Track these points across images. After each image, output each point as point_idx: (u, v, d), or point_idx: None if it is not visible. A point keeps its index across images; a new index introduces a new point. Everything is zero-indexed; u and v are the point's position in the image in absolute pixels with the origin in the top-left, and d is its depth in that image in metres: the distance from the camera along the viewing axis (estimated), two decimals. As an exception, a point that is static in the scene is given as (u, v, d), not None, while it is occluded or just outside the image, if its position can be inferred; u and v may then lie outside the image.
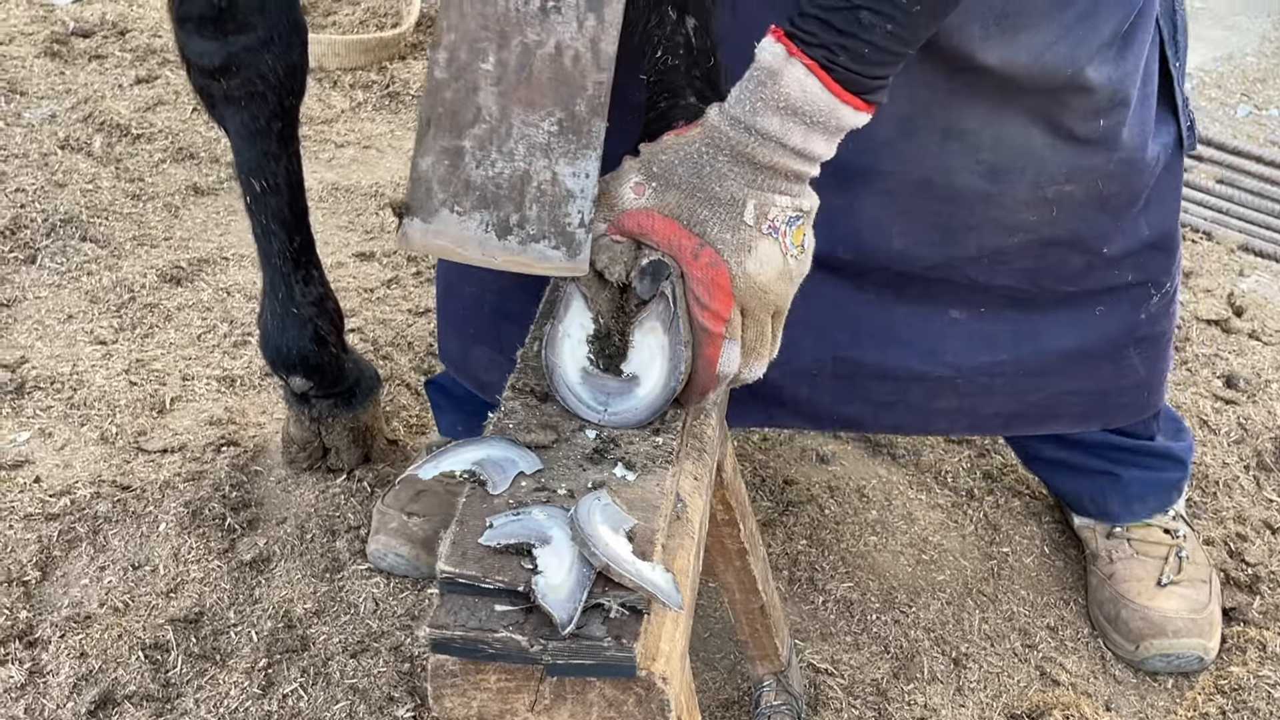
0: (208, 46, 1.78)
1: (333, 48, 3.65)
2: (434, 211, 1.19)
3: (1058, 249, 1.69)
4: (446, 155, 1.17)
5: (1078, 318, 1.76)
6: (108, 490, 2.12)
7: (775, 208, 1.21)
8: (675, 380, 1.22)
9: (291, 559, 2.02)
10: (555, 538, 1.08)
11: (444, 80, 1.16)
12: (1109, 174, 1.65)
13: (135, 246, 2.80)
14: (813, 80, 1.18)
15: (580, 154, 1.17)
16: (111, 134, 3.24)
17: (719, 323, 1.21)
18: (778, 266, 1.22)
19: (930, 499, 2.25)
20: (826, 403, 1.79)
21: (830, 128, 1.21)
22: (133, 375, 2.41)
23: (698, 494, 1.25)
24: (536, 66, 1.15)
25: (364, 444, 2.19)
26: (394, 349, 2.53)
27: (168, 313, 2.59)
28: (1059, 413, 1.84)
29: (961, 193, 1.62)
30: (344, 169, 3.23)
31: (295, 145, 1.90)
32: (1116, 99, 1.60)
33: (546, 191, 1.18)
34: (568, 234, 1.19)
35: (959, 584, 2.07)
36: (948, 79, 1.55)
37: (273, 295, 1.99)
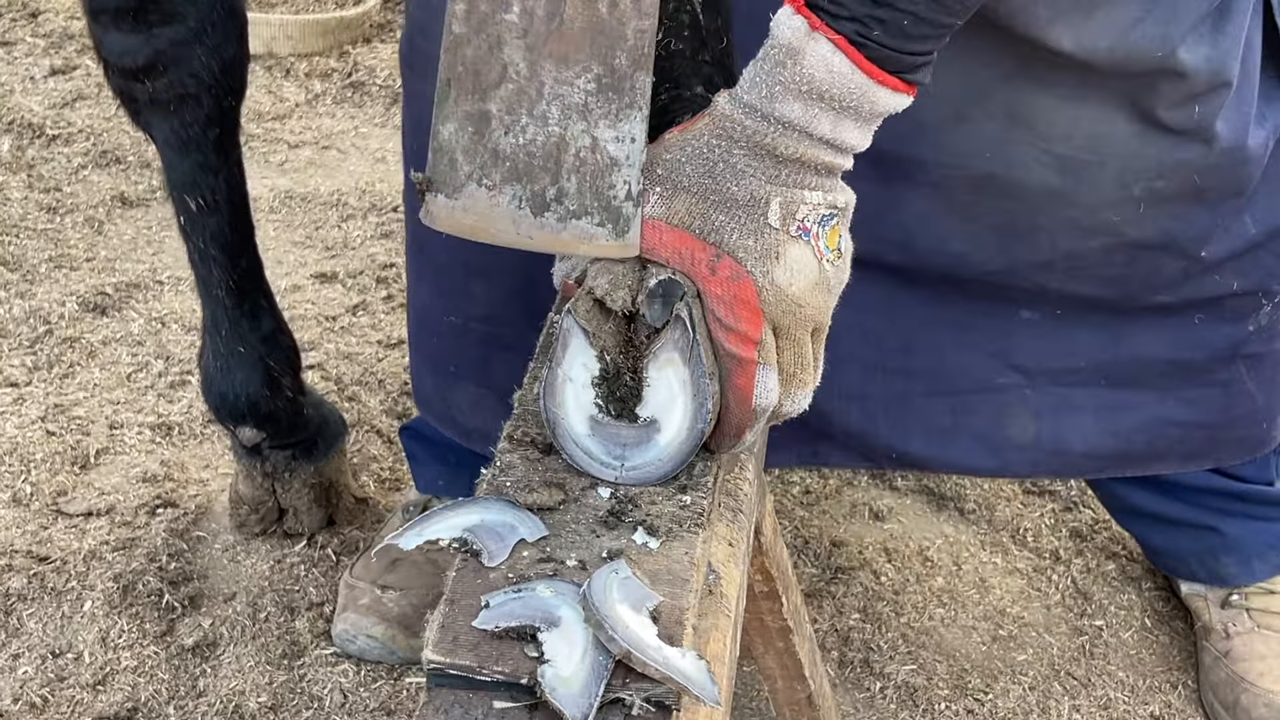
0: (128, 42, 1.78)
1: (284, 29, 3.67)
2: (460, 186, 1.20)
3: (1148, 253, 1.69)
4: (470, 121, 1.18)
5: (1172, 325, 1.76)
6: (21, 562, 2.12)
7: (805, 205, 1.21)
8: (703, 421, 1.21)
9: (242, 642, 2.02)
10: (565, 619, 1.07)
11: (463, 35, 1.17)
12: (1208, 167, 1.65)
13: (52, 269, 2.81)
14: (840, 58, 1.17)
15: (623, 115, 1.17)
16: (22, 135, 3.26)
17: (749, 346, 1.20)
18: (812, 274, 1.22)
19: (1007, 563, 2.25)
20: (881, 433, 1.79)
21: (864, 113, 1.20)
22: (50, 423, 2.41)
23: (733, 563, 1.24)
24: (568, 14, 1.15)
25: (327, 503, 2.19)
26: (361, 388, 2.53)
27: (91, 348, 2.60)
28: (1162, 449, 1.84)
29: (1029, 189, 1.63)
30: (299, 174, 3.24)
31: (236, 153, 1.91)
32: (1217, 82, 1.60)
33: (586, 160, 1.18)
34: (613, 208, 1.19)
35: (1044, 665, 2.07)
36: (1014, 54, 1.55)
37: (214, 332, 2.00)
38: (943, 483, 2.39)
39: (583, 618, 1.07)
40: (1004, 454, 1.81)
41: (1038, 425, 1.79)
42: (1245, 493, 1.97)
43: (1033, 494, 2.38)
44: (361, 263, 2.91)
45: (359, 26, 3.77)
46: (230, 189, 1.91)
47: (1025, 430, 1.79)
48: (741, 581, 1.26)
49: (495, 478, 1.24)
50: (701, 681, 1.04)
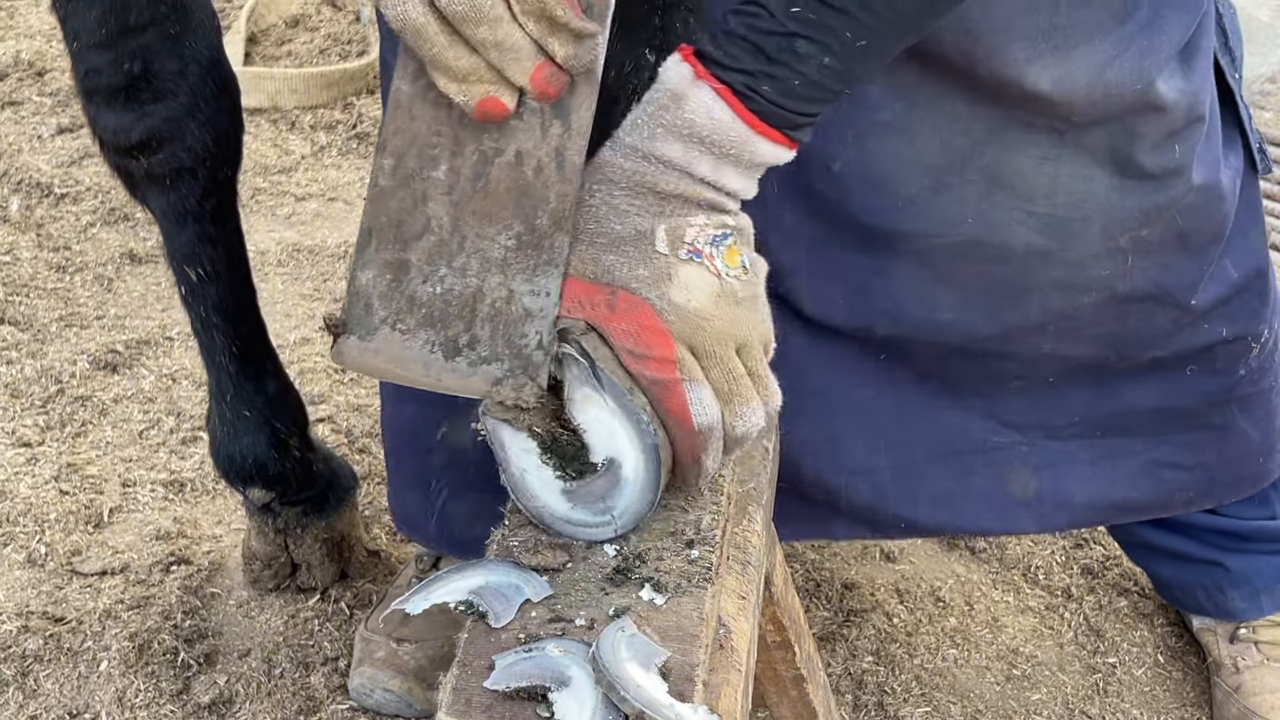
0: (121, 120, 1.80)
1: (289, 83, 3.70)
2: (373, 329, 1.24)
3: (1140, 306, 1.71)
4: (389, 269, 1.23)
5: (1165, 378, 1.78)
6: (37, 623, 2.13)
7: (691, 228, 1.22)
8: (650, 436, 1.21)
9: (258, 699, 2.02)
10: (575, 678, 1.08)
11: (389, 188, 1.22)
12: (1187, 207, 1.67)
13: (62, 328, 2.83)
14: (722, 107, 1.19)
15: (540, 270, 1.22)
16: (31, 194, 3.29)
17: (667, 367, 1.20)
18: (710, 288, 1.22)
19: (1019, 601, 2.25)
20: (889, 504, 1.80)
21: (744, 161, 1.22)
22: (63, 483, 2.43)
23: (744, 616, 1.25)
24: (494, 176, 1.21)
25: (340, 557, 2.20)
26: (372, 440, 2.54)
27: (103, 406, 2.61)
28: (1164, 495, 1.85)
29: (1014, 252, 1.64)
30: (306, 226, 3.27)
31: (235, 222, 1.93)
32: (1193, 115, 1.63)
33: (501, 310, 1.23)
34: (524, 355, 1.23)
35: (1058, 704, 2.07)
36: (988, 115, 1.57)
37: (219, 397, 2.01)
38: (953, 522, 2.39)
39: (592, 677, 1.08)
40: (1010, 512, 1.82)
41: (1038, 481, 1.80)
42: (1249, 530, 1.97)
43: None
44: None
45: (363, 78, 3.80)
46: (229, 256, 1.92)
47: (1026, 487, 1.80)
48: (752, 634, 1.27)
49: (504, 539, 1.26)
50: (713, 738, 1.05)
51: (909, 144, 1.57)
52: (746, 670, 1.22)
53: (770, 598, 1.49)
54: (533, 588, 1.18)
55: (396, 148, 1.21)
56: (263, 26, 4.06)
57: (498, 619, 1.15)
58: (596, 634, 1.12)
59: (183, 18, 1.77)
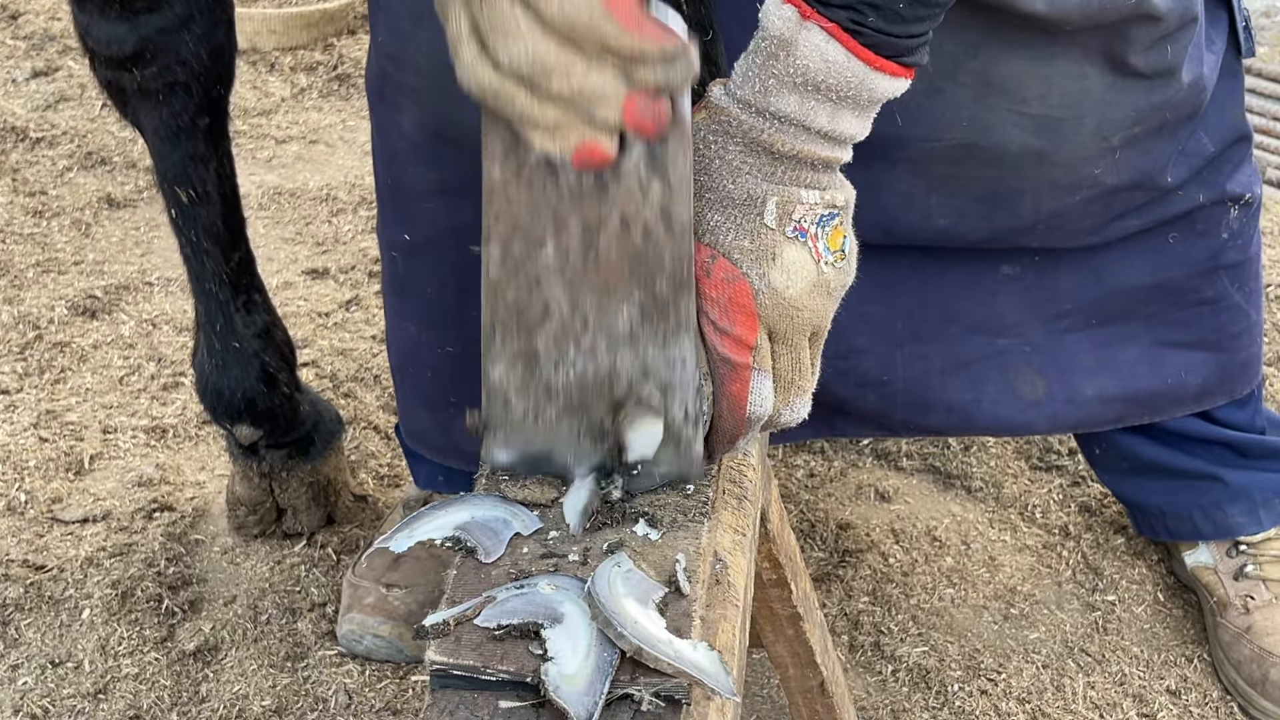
0: (115, 30, 1.76)
1: (267, 24, 3.65)
2: (516, 425, 1.21)
3: (1123, 195, 1.71)
4: (519, 360, 1.19)
5: (1148, 249, 1.78)
6: (18, 571, 2.10)
7: (801, 205, 1.18)
8: (699, 410, 1.19)
9: (244, 646, 2.00)
10: (568, 614, 1.05)
11: (501, 279, 1.17)
12: (1177, 103, 1.66)
13: (40, 274, 2.79)
14: (835, 47, 1.14)
15: (671, 338, 1.17)
16: (6, 139, 3.24)
17: (743, 351, 1.17)
18: (810, 276, 1.19)
19: (1016, 540, 2.23)
20: (899, 413, 1.80)
21: (862, 101, 1.17)
22: (43, 430, 2.39)
23: (740, 551, 1.22)
24: (603, 247, 1.15)
25: (326, 502, 2.18)
26: (357, 384, 2.51)
27: (82, 352, 2.58)
28: (1174, 386, 1.85)
29: (1009, 154, 1.62)
30: (287, 169, 3.22)
31: (226, 144, 1.89)
32: (1186, 18, 1.61)
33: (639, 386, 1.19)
34: (673, 433, 1.19)
35: (1057, 643, 2.05)
36: (980, 19, 1.54)
37: (209, 328, 1.98)
38: (949, 461, 2.37)
39: (586, 613, 1.05)
40: (1023, 414, 1.83)
41: (1044, 379, 1.81)
42: (1245, 444, 1.97)
43: (1040, 469, 2.36)
44: (353, 257, 2.88)
45: (343, 18, 3.74)
46: (221, 180, 1.88)
47: (1035, 387, 1.81)
48: (749, 570, 1.24)
49: (493, 472, 1.22)
50: (716, 674, 1.02)
51: None
52: (744, 606, 1.19)
53: (766, 534, 1.46)
54: (521, 521, 1.15)
55: (500, 235, 1.16)
56: (240, -33, 4.00)
57: (487, 554, 1.12)
58: (590, 570, 1.09)
59: None
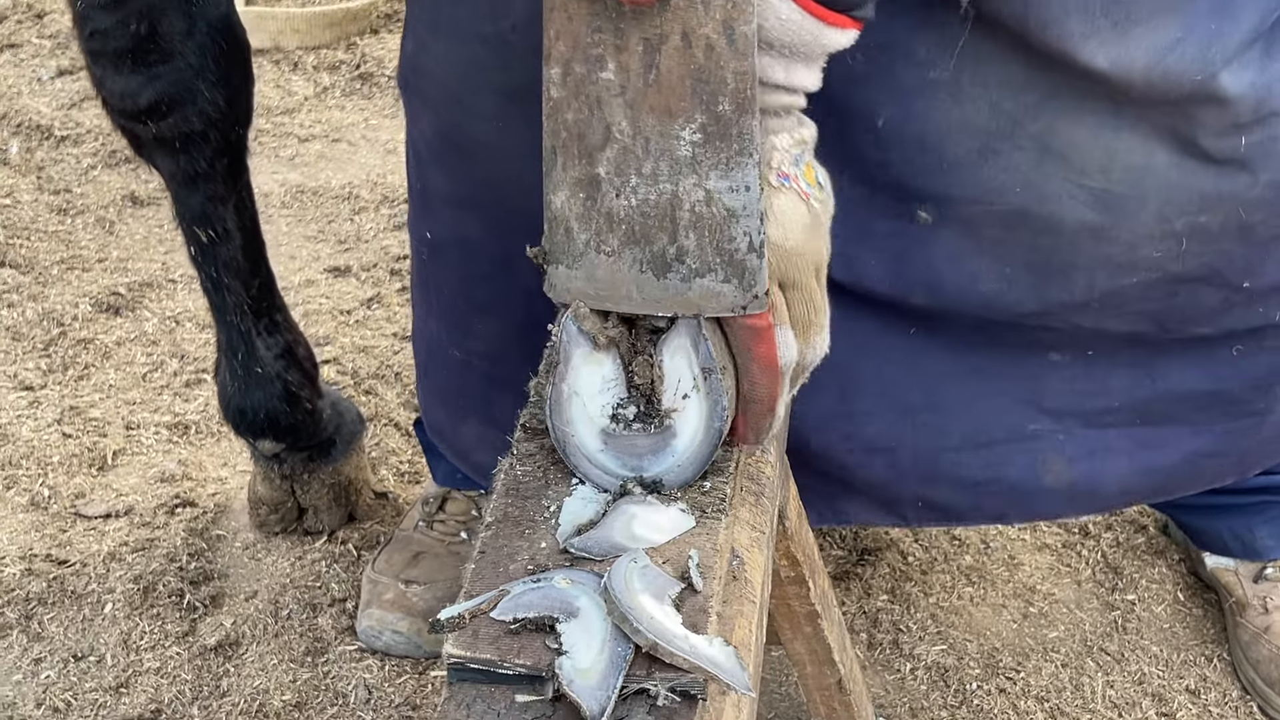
0: (129, 84, 1.74)
1: (291, 23, 3.66)
2: (578, 255, 1.18)
3: (1188, 286, 1.61)
4: (581, 186, 1.16)
5: (1209, 357, 1.70)
6: (41, 566, 2.11)
7: (777, 151, 1.19)
8: (719, 419, 1.18)
9: (264, 641, 2.01)
10: (584, 609, 1.05)
11: (562, 99, 1.14)
12: (1254, 201, 1.56)
13: (64, 271, 2.80)
14: (789, 6, 1.15)
15: (734, 163, 1.14)
16: (31, 137, 3.25)
17: (762, 315, 1.17)
18: (803, 219, 1.20)
19: (1036, 539, 2.22)
20: (909, 485, 1.74)
21: (814, 54, 1.19)
22: (66, 425, 2.40)
23: (758, 548, 1.22)
24: (664, 66, 1.12)
25: (347, 500, 2.18)
26: (378, 381, 2.52)
27: (105, 349, 2.59)
28: (1194, 477, 1.80)
29: (1063, 225, 1.55)
30: (310, 167, 3.23)
31: (245, 177, 1.88)
32: (1263, 111, 1.50)
33: (702, 214, 1.15)
34: (736, 262, 1.16)
35: (1076, 642, 2.04)
36: (1043, 80, 1.48)
37: (230, 354, 1.98)
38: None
39: (602, 608, 1.05)
40: (1037, 501, 1.77)
41: (1073, 471, 1.74)
42: (1270, 482, 1.94)
43: (1060, 469, 2.36)
44: (375, 255, 2.89)
45: (366, 17, 3.75)
46: (240, 215, 1.88)
47: (1060, 477, 1.74)
48: (766, 566, 1.24)
49: (512, 468, 1.22)
50: (732, 669, 1.02)
51: (957, 104, 1.49)
52: (760, 602, 1.19)
53: (784, 532, 1.46)
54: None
55: (560, 54, 1.13)
56: (264, -33, 4.01)
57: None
58: (606, 565, 1.09)
59: None
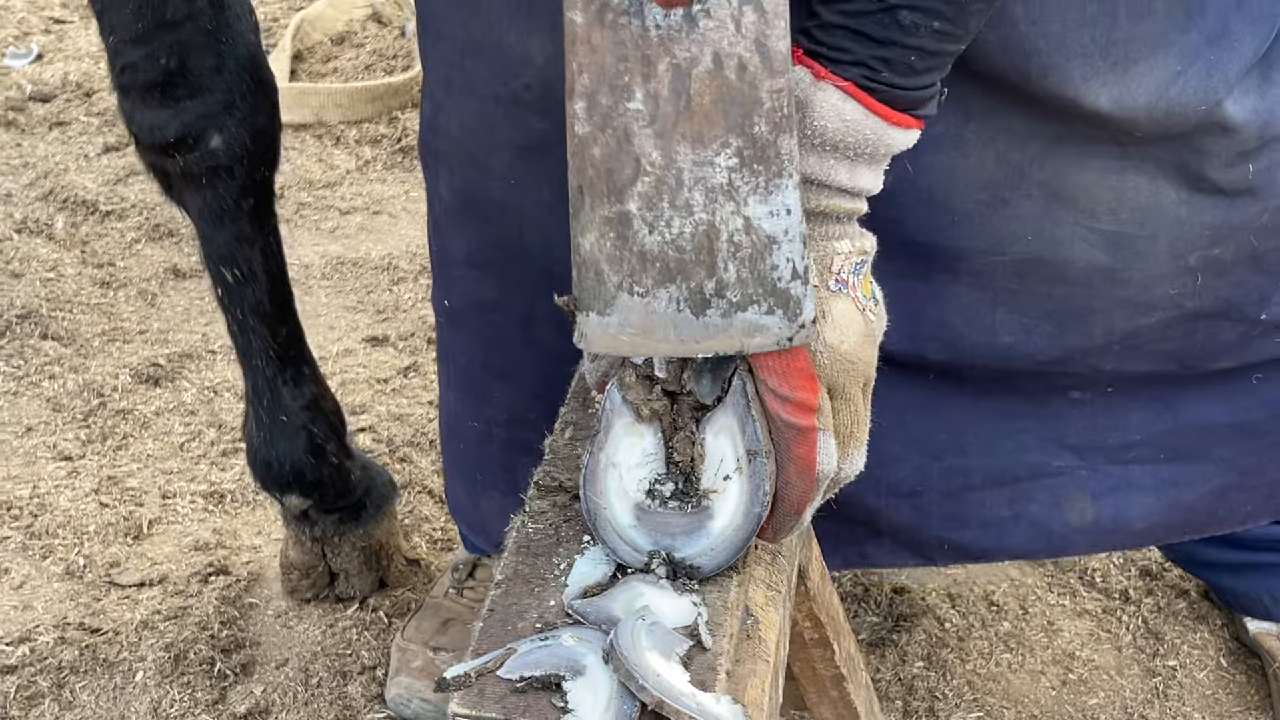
0: (157, 117, 1.79)
1: (334, 98, 3.70)
2: (610, 299, 1.12)
3: (1206, 322, 1.62)
4: (611, 226, 1.11)
5: (1229, 389, 1.69)
6: (74, 634, 2.11)
7: (838, 256, 1.18)
8: (759, 505, 1.15)
9: (294, 709, 2.00)
10: (590, 667, 1.05)
11: (588, 135, 1.10)
12: (1264, 228, 1.57)
13: (105, 343, 2.82)
14: (852, 105, 1.14)
15: (773, 186, 1.09)
16: (76, 212, 3.29)
17: (808, 415, 1.14)
18: (859, 328, 1.19)
19: (1076, 604, 2.19)
20: (933, 526, 1.73)
21: (878, 155, 1.18)
22: (103, 495, 2.41)
23: (773, 607, 1.21)
24: (695, 90, 1.07)
25: (378, 566, 2.18)
26: (413, 449, 2.52)
27: (144, 419, 2.60)
28: (1222, 515, 1.78)
29: (1078, 270, 1.55)
30: (350, 239, 3.25)
31: (272, 222, 1.91)
32: (1268, 135, 1.51)
33: (742, 243, 1.10)
34: (780, 291, 1.10)
35: (1116, 708, 2.01)
36: (1047, 129, 1.48)
37: (256, 401, 2.00)
38: (1006, 525, 2.34)
39: (609, 666, 1.04)
40: (1062, 538, 1.76)
41: (1097, 507, 1.73)
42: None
43: (1100, 533, 2.32)
44: (413, 325, 2.90)
45: (408, 91, 3.79)
46: (267, 259, 1.90)
47: (1084, 513, 1.73)
48: (782, 626, 1.23)
49: (524, 525, 1.22)
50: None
51: (963, 157, 1.49)
52: (775, 662, 1.18)
53: (806, 593, 1.45)
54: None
55: (585, 86, 1.08)
56: (308, 44, 4.06)
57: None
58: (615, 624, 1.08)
59: (219, 13, 1.76)
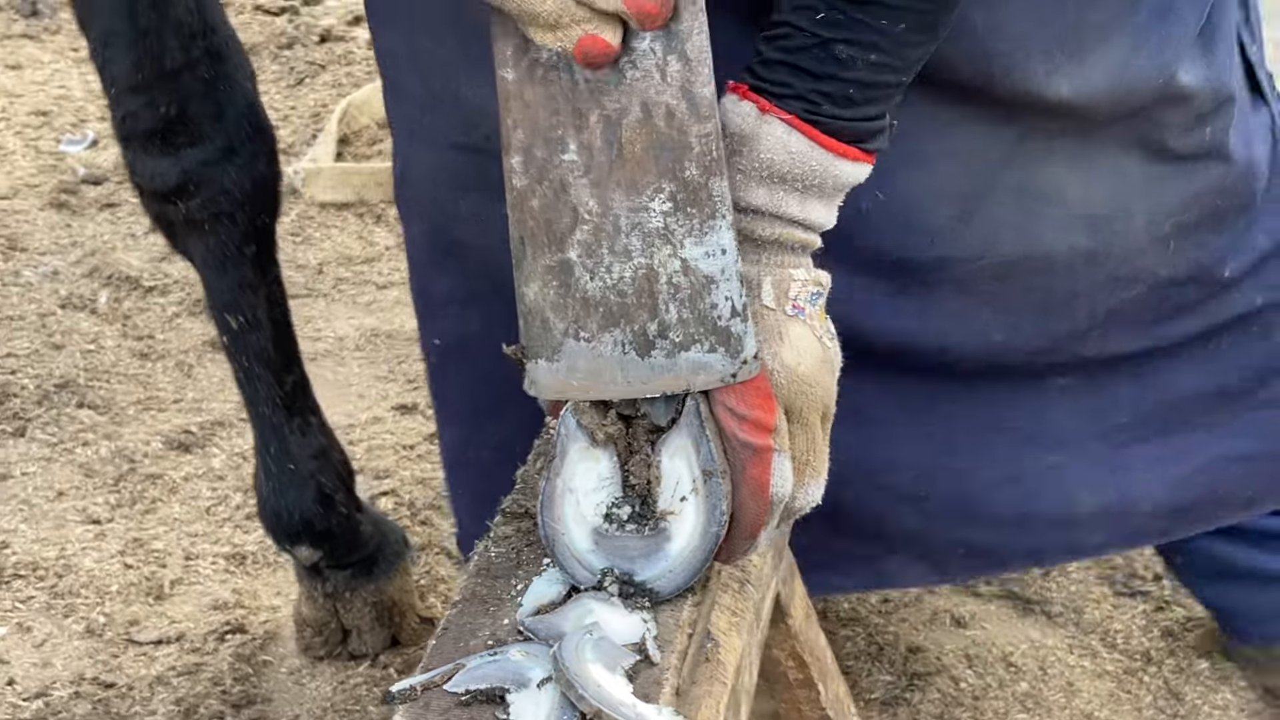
0: (159, 165, 1.84)
1: (375, 177, 3.76)
2: (557, 346, 1.15)
3: (1177, 289, 1.67)
4: (553, 274, 1.14)
5: (1203, 356, 1.73)
6: (88, 689, 2.12)
7: (795, 283, 1.19)
8: (716, 525, 1.14)
9: (302, 765, 2.00)
10: (535, 680, 1.04)
11: (526, 187, 1.14)
12: (1225, 188, 1.64)
13: (140, 411, 2.86)
14: (798, 138, 1.16)
15: (707, 227, 1.12)
16: (120, 288, 3.35)
17: (764, 433, 1.14)
18: (817, 352, 1.19)
19: (1096, 666, 2.15)
20: (945, 532, 1.74)
21: (828, 189, 1.19)
22: (128, 557, 2.44)
23: (736, 632, 1.20)
24: (626, 139, 1.11)
25: (391, 623, 2.18)
26: (434, 512, 2.53)
27: (173, 484, 2.63)
28: (1224, 494, 1.79)
29: (1061, 259, 1.59)
30: (385, 313, 3.29)
31: (275, 271, 1.95)
32: (1220, 97, 1.59)
33: (681, 285, 1.13)
34: (720, 329, 1.13)
35: (1134, 769, 1.97)
36: (1006, 133, 1.53)
37: (264, 451, 2.02)
38: (1028, 586, 2.31)
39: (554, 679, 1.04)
40: (1073, 532, 1.76)
41: (1101, 495, 1.74)
42: None
43: (1124, 595, 2.28)
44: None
45: (449, 171, 3.84)
46: (271, 307, 1.93)
47: (1089, 503, 1.74)
48: (746, 652, 1.22)
49: (487, 550, 1.22)
50: (675, 737, 1.00)
51: (931, 175, 1.52)
52: (735, 686, 1.16)
53: (789, 630, 1.44)
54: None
55: (520, 141, 1.12)
56: (355, 127, 4.13)
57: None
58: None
59: (217, 63, 1.81)
